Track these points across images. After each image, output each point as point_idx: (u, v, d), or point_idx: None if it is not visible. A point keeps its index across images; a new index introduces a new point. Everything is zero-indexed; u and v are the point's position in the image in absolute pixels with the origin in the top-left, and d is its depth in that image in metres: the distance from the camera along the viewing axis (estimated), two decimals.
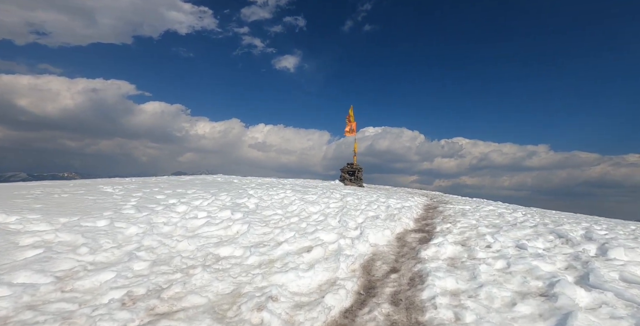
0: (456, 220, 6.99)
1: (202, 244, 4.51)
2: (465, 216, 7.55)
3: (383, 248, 5.16)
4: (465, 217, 7.44)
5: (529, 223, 6.92)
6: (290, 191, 9.00)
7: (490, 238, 5.47)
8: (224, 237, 4.96)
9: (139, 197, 6.98)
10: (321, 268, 4.10)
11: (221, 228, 5.24)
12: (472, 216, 7.66)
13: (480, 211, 8.56)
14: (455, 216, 7.54)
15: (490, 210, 9.08)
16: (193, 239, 4.61)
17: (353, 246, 4.88)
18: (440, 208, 9.03)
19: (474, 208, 9.44)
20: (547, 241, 5.48)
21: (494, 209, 9.45)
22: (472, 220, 7.04)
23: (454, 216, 7.55)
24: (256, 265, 4.10)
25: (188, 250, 4.35)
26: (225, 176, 15.00)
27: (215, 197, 7.40)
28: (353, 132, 19.45)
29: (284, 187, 10.07)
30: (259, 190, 8.85)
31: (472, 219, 7.13)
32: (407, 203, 8.98)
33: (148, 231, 4.80)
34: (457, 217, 7.44)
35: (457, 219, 7.16)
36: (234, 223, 5.46)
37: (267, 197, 8.02)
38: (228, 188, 9.12)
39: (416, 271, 4.26)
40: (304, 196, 8.25)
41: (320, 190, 9.69)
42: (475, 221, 7.00)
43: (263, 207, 6.89)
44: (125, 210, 5.66)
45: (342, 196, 8.93)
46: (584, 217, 9.72)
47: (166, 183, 10.00)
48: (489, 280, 3.89)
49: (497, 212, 8.74)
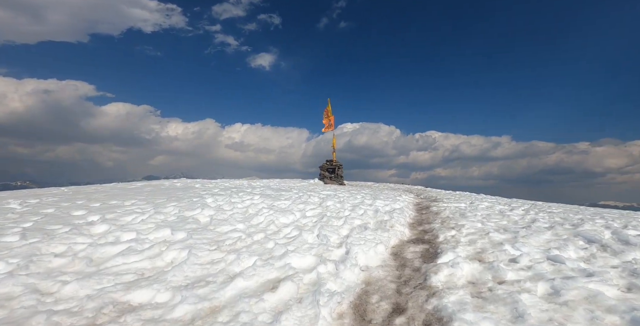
0: (458, 224, 5.80)
1: (104, 287, 2.91)
2: (466, 218, 6.41)
3: (378, 272, 3.79)
4: (466, 219, 6.29)
5: (541, 224, 5.86)
6: (259, 196, 7.45)
7: (511, 248, 4.28)
8: (148, 271, 3.37)
9: (46, 215, 5.15)
10: (292, 319, 2.66)
11: (147, 258, 3.63)
12: (472, 217, 6.53)
13: (479, 210, 7.49)
14: (455, 218, 6.37)
15: (487, 207, 8.06)
16: (91, 279, 2.99)
17: (338, 275, 3.46)
18: (433, 208, 7.87)
19: (469, 205, 8.39)
20: (580, 248, 4.37)
21: (490, 205, 8.46)
22: (477, 223, 5.88)
23: (453, 218, 6.38)
24: (187, 321, 2.58)
25: (75, 297, 2.74)
26: (187, 180, 13.09)
27: (157, 210, 5.71)
28: (331, 127, 18.14)
29: (252, 191, 8.49)
30: (220, 197, 7.22)
31: (475, 222, 5.98)
32: (397, 204, 7.73)
33: (20, 268, 3.11)
34: (457, 219, 6.27)
35: (459, 222, 5.98)
36: (169, 248, 3.86)
37: (228, 206, 6.43)
38: (181, 196, 7.41)
39: (431, 310, 2.92)
40: (274, 203, 6.74)
41: (295, 193, 8.21)
42: (480, 223, 5.85)
43: (219, 220, 5.31)
44: (5, 237, 3.88)
45: (322, 199, 7.50)
46: (583, 210, 8.98)
47: (104, 193, 8.09)
48: (542, 318, 2.63)
49: (496, 209, 7.72)
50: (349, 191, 10.27)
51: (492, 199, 11.28)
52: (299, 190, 8.99)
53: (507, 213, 7.06)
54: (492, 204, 8.60)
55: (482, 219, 6.25)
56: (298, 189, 9.21)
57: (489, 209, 7.65)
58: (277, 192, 8.30)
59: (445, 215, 6.75)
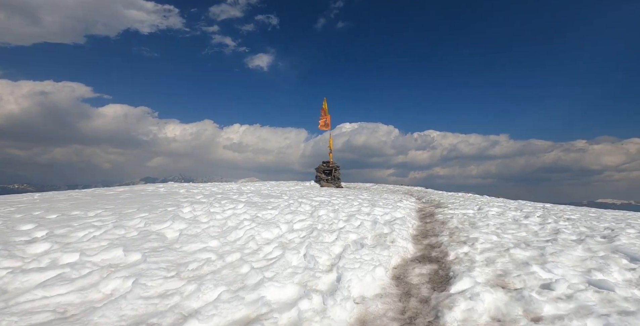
0: (470, 237, 5.00)
1: None
2: (477, 228, 5.61)
3: (376, 306, 2.99)
4: (477, 229, 5.49)
5: (567, 235, 5.07)
6: (243, 205, 6.64)
7: (541, 270, 3.48)
8: (73, 308, 2.56)
9: None
10: None
11: (78, 289, 2.83)
12: (484, 227, 5.73)
13: (490, 218, 6.69)
14: (465, 229, 5.58)
15: (498, 214, 7.27)
16: None
17: (325, 313, 2.66)
18: (439, 216, 7.07)
19: (477, 211, 7.60)
20: (625, 268, 3.57)
21: (501, 211, 7.66)
22: (491, 235, 5.09)
23: (463, 229, 5.58)
24: None
25: None
26: (174, 185, 12.26)
27: (120, 223, 4.91)
28: (328, 126, 17.40)
29: (238, 198, 7.69)
30: (199, 206, 6.42)
31: (489, 234, 5.18)
32: (398, 212, 6.92)
33: None
34: (467, 230, 5.47)
35: (470, 234, 5.18)
36: (111, 275, 3.06)
37: (205, 217, 5.63)
38: (157, 205, 6.60)
39: None
40: (259, 213, 5.93)
41: (285, 201, 7.39)
42: (495, 235, 5.05)
43: (190, 236, 4.51)
44: None
45: (313, 208, 6.69)
46: (601, 215, 8.17)
47: (75, 201, 7.28)
48: None
49: (509, 217, 6.92)
50: (345, 196, 9.47)
51: (500, 202, 10.48)
52: (290, 196, 8.18)
53: (523, 221, 6.26)
54: (503, 210, 7.80)
55: (496, 230, 5.46)
56: (289, 195, 8.41)
57: (501, 217, 6.85)
58: (265, 199, 7.50)
59: (454, 225, 5.95)
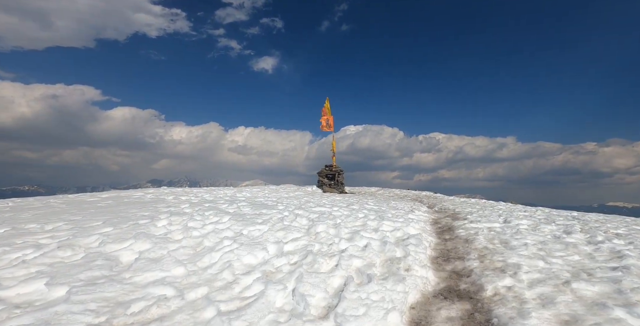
0: (508, 261, 3.92)
1: None
2: (513, 248, 4.54)
3: None
4: (514, 250, 4.42)
5: (636, 260, 3.94)
6: (229, 217, 5.65)
7: (628, 316, 2.43)
8: None
9: None
10: None
11: None
12: (522, 247, 4.63)
13: (523, 233, 5.58)
14: (498, 250, 4.50)
15: (531, 227, 6.15)
16: None
17: None
18: (459, 230, 5.99)
19: (504, 224, 6.49)
20: None
21: (533, 224, 6.53)
22: (535, 259, 4.00)
23: (494, 250, 4.51)
24: None
25: None
26: (165, 190, 11.35)
27: (71, 240, 3.97)
28: (330, 127, 16.38)
29: (227, 208, 6.72)
30: (177, 219, 5.46)
31: (532, 257, 4.10)
32: (410, 226, 5.85)
33: None
34: (501, 252, 4.40)
35: (507, 257, 4.11)
36: (6, 323, 2.10)
37: (180, 233, 4.68)
38: (130, 216, 5.67)
39: None
40: (245, 229, 4.94)
41: (278, 212, 6.36)
42: (541, 260, 3.96)
43: (150, 261, 3.55)
44: None
45: (311, 222, 5.66)
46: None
47: (44, 209, 6.39)
48: None
49: (545, 231, 5.80)
50: (348, 205, 8.42)
51: (524, 212, 9.31)
52: (287, 206, 7.17)
53: (567, 239, 5.15)
54: (535, 223, 6.68)
55: (539, 252, 4.37)
56: (286, 204, 7.40)
57: (536, 232, 5.74)
58: (257, 210, 6.51)
59: (482, 244, 4.87)
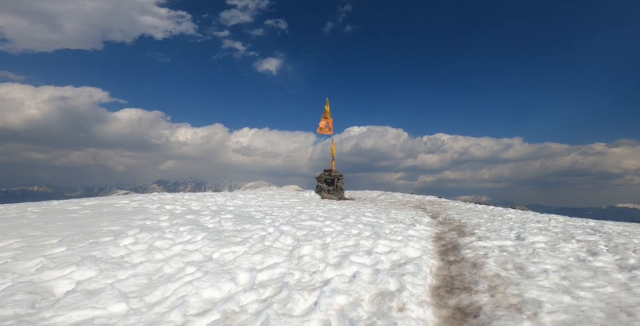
0: (525, 296, 3.20)
1: None
2: (530, 276, 3.81)
3: None
4: (531, 279, 3.70)
5: None
6: (204, 235, 4.99)
7: None
8: None
9: None
10: None
11: None
12: (541, 274, 3.90)
13: (540, 255, 4.83)
14: (512, 279, 3.78)
15: (549, 246, 5.39)
16: None
17: None
18: (466, 250, 5.25)
19: (517, 242, 5.73)
20: None
21: (551, 242, 5.76)
22: (560, 293, 3.27)
23: (508, 279, 3.78)
24: None
25: None
26: (154, 197, 10.71)
27: (7, 265, 3.36)
28: (330, 130, 15.64)
29: (207, 222, 6.07)
30: (146, 235, 4.82)
31: (554, 289, 3.37)
32: (409, 246, 5.13)
33: None
34: (516, 281, 3.68)
35: (524, 289, 3.39)
36: None
37: (141, 255, 4.04)
38: (96, 230, 5.03)
39: None
40: (217, 251, 4.28)
41: (262, 228, 5.66)
42: (566, 294, 3.22)
43: (86, 293, 2.88)
44: None
45: (296, 242, 4.96)
46: None
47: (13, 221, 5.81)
48: None
49: (567, 252, 5.04)
50: (344, 217, 7.69)
51: (539, 222, 8.52)
52: (275, 219, 6.49)
53: (593, 262, 4.40)
54: (553, 240, 5.91)
55: (562, 282, 3.64)
56: (274, 217, 6.70)
57: (555, 253, 4.98)
58: (240, 224, 5.84)
59: (492, 271, 4.14)
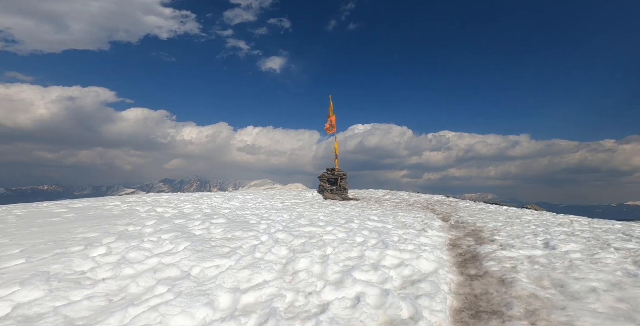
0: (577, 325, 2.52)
1: None
2: (573, 295, 3.10)
3: None
4: (577, 301, 2.99)
5: None
6: (187, 244, 4.34)
7: None
8: None
9: None
10: None
11: None
12: (588, 294, 3.17)
13: (580, 269, 4.10)
14: (555, 302, 3.05)
15: (586, 255, 4.65)
16: None
17: None
18: (489, 262, 4.53)
19: (547, 251, 4.98)
20: None
21: (586, 249, 5.01)
22: (622, 321, 2.59)
23: (550, 302, 3.07)
24: None
25: None
26: (148, 198, 10.13)
27: None
28: (333, 128, 14.98)
29: (196, 227, 5.45)
30: (122, 244, 4.21)
31: (612, 316, 2.65)
32: (423, 259, 4.40)
33: None
34: (560, 304, 2.96)
35: (571, 316, 2.67)
36: None
37: (106, 270, 3.41)
38: (69, 237, 4.42)
39: None
40: (198, 265, 3.63)
41: (254, 237, 4.97)
42: (630, 322, 2.57)
43: (20, 322, 2.28)
44: None
45: (292, 253, 4.25)
46: None
47: None
48: None
49: (610, 263, 4.28)
50: (347, 221, 7.00)
51: (561, 225, 7.75)
52: (270, 225, 5.82)
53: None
54: (587, 247, 5.15)
55: (618, 305, 2.91)
56: (269, 223, 6.01)
57: (597, 264, 4.22)
58: (231, 231, 5.20)
59: (527, 289, 3.43)
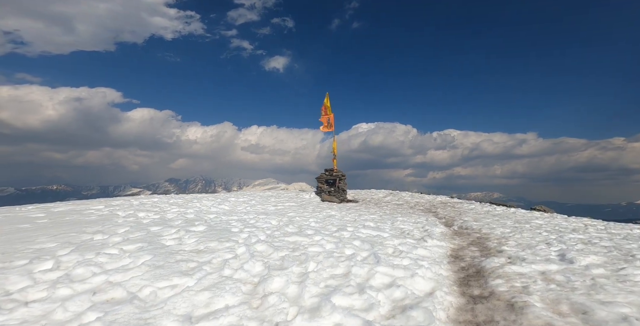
0: None
1: None
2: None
3: None
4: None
5: None
6: (147, 259, 3.76)
7: None
8: None
9: None
10: None
11: None
12: (620, 323, 2.60)
13: (605, 289, 3.50)
14: None
15: (609, 271, 4.03)
16: None
17: None
18: (496, 280, 3.92)
19: (565, 265, 4.35)
20: None
21: (609, 262, 4.39)
22: None
23: None
24: None
25: None
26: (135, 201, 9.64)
27: None
28: (331, 126, 14.39)
29: (170, 236, 4.91)
30: (76, 257, 3.66)
31: None
32: (418, 277, 3.76)
33: None
34: None
35: None
36: None
37: (40, 290, 2.87)
38: (23, 249, 3.89)
39: None
40: (150, 286, 3.08)
41: (230, 248, 4.44)
42: None
43: None
44: None
45: (267, 269, 3.66)
46: None
47: None
48: None
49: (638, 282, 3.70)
50: (340, 228, 6.40)
51: (576, 231, 7.09)
52: (251, 234, 5.22)
53: None
54: (610, 260, 4.50)
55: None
56: (250, 232, 5.43)
57: (624, 284, 3.58)
58: (205, 242, 4.64)
59: (541, 318, 2.83)
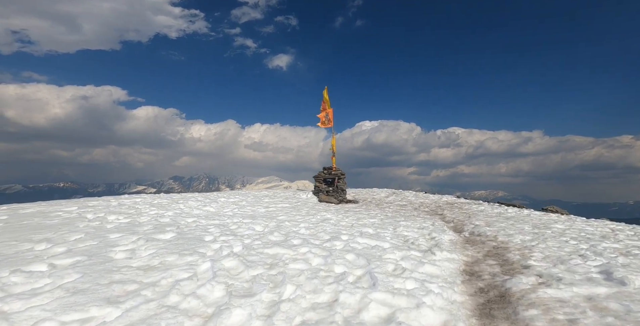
0: None
1: None
2: None
3: None
4: None
5: None
6: (70, 280, 2.93)
7: None
8: None
9: None
10: None
11: None
12: None
13: None
14: None
15: None
16: None
17: None
18: (529, 310, 2.98)
19: (614, 288, 3.41)
20: None
21: None
22: None
23: None
24: None
25: None
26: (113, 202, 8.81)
27: None
28: (330, 122, 13.48)
29: (126, 247, 4.09)
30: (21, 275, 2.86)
31: None
32: (426, 307, 2.87)
33: None
34: None
35: None
36: None
37: None
38: None
39: None
40: (50, 321, 2.26)
41: (190, 264, 3.59)
42: None
43: None
44: None
45: (229, 296, 2.73)
46: None
47: None
48: None
49: None
50: (330, 238, 5.47)
51: (607, 239, 6.12)
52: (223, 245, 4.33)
53: None
54: None
55: None
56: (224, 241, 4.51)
57: None
58: (165, 255, 3.79)
59: None
